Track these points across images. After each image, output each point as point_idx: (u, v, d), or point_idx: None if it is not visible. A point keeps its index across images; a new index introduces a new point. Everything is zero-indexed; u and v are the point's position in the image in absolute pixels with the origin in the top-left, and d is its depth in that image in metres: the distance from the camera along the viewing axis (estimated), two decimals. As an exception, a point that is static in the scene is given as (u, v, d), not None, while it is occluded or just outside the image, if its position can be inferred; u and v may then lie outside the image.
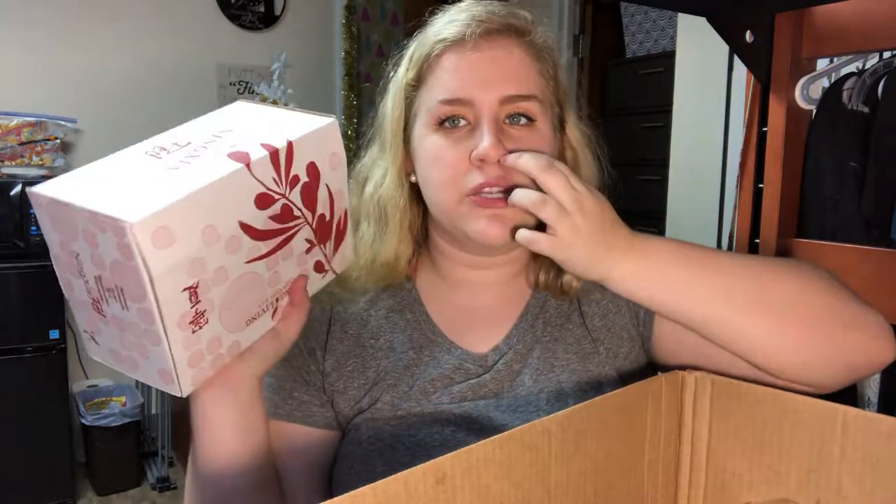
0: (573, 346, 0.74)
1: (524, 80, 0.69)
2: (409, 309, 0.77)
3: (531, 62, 0.70)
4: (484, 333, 0.75)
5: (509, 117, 0.69)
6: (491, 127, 0.67)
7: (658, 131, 2.87)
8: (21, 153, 2.45)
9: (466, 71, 0.69)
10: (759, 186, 1.07)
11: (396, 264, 0.75)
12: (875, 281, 0.95)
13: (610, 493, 0.55)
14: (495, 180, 0.66)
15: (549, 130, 0.71)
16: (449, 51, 0.70)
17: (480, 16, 0.70)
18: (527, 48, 0.71)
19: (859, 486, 0.51)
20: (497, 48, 0.69)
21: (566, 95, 0.76)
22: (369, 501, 0.39)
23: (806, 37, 1.02)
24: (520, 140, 0.68)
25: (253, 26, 3.05)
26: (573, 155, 0.76)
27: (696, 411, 0.60)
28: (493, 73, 0.69)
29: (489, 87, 0.68)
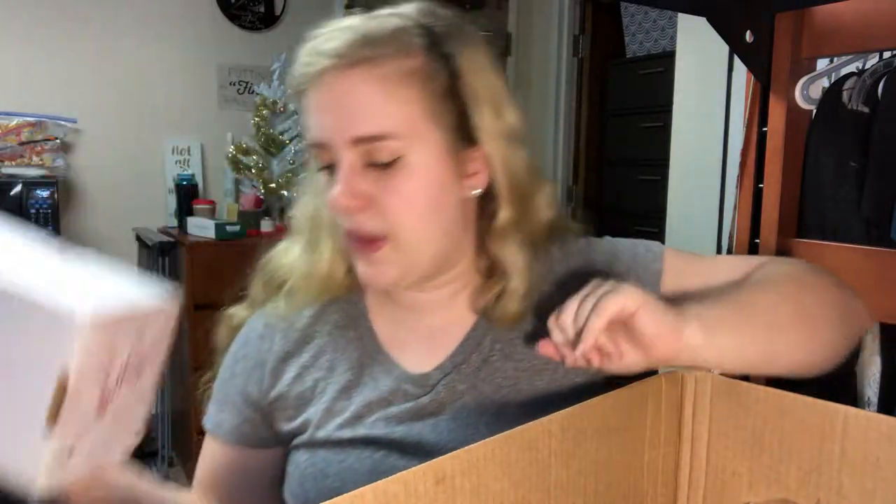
0: (523, 362, 0.70)
1: (373, 117, 0.63)
2: (354, 325, 0.75)
3: (388, 93, 0.63)
4: (429, 352, 0.72)
5: (369, 156, 0.63)
6: (343, 173, 0.63)
7: (658, 131, 2.87)
8: (21, 153, 2.45)
9: (317, 113, 0.65)
10: (759, 186, 1.07)
11: (331, 279, 0.73)
12: (875, 281, 0.95)
13: (610, 493, 0.55)
14: (354, 230, 0.64)
15: (428, 161, 0.64)
16: (306, 90, 0.66)
17: (325, 49, 0.64)
18: (384, 78, 0.63)
19: (859, 486, 0.50)
20: (343, 84, 0.63)
21: (476, 100, 0.66)
22: (369, 501, 0.39)
23: (806, 37, 1.02)
24: (383, 184, 0.63)
25: (253, 26, 3.05)
26: (492, 167, 0.68)
27: (696, 411, 0.60)
28: (338, 113, 0.63)
29: (337, 129, 0.63)
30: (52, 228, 2.35)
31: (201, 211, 2.69)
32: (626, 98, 3.33)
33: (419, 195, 0.65)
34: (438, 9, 0.68)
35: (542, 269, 0.73)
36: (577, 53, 3.65)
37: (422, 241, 0.66)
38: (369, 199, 0.63)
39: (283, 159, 2.78)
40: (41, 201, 2.34)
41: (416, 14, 0.67)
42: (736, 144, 1.67)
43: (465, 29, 0.68)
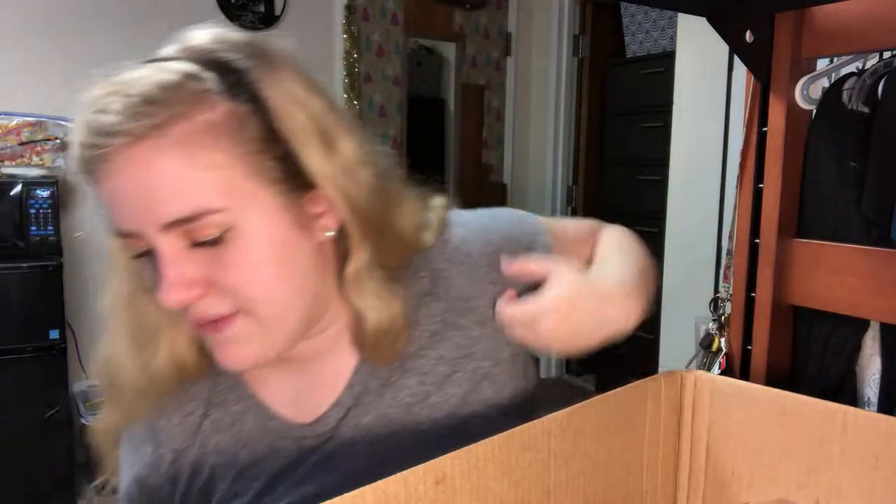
0: (428, 374, 0.65)
1: (179, 196, 0.52)
2: (234, 398, 0.66)
3: (189, 162, 0.52)
4: (323, 395, 0.65)
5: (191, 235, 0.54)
6: (165, 265, 0.53)
7: (658, 131, 2.87)
8: (21, 153, 2.45)
9: (113, 201, 0.54)
10: (759, 186, 1.07)
11: (182, 370, 0.63)
12: (875, 281, 0.95)
13: (609, 493, 0.55)
14: (201, 318, 0.56)
15: (258, 223, 0.55)
16: (94, 173, 0.54)
17: (105, 127, 0.52)
18: (179, 146, 0.52)
19: (859, 486, 0.51)
20: (135, 166, 0.52)
21: (297, 134, 0.55)
22: (369, 501, 0.39)
23: (806, 37, 1.02)
24: (216, 260, 0.54)
25: (253, 26, 3.05)
26: (334, 204, 0.58)
27: (696, 411, 0.60)
28: (136, 200, 0.53)
29: (141, 218, 0.53)
30: (52, 228, 2.34)
31: (201, 211, 2.69)
32: (626, 98, 3.33)
33: (263, 263, 0.56)
34: (232, 35, 0.58)
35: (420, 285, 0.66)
36: (577, 53, 3.66)
37: (280, 312, 0.58)
38: (206, 282, 0.54)
39: (283, 159, 2.79)
40: (41, 201, 2.34)
41: (206, 50, 0.57)
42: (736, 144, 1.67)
43: (269, 55, 0.57)
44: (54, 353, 2.32)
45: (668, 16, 3.15)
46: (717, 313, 1.18)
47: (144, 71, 0.55)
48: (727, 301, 1.15)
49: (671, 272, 2.40)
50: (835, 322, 1.04)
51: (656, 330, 2.50)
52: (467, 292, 0.66)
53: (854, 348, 1.04)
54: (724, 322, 1.16)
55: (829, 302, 1.01)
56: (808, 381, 1.07)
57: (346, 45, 3.18)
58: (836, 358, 1.05)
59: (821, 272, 1.01)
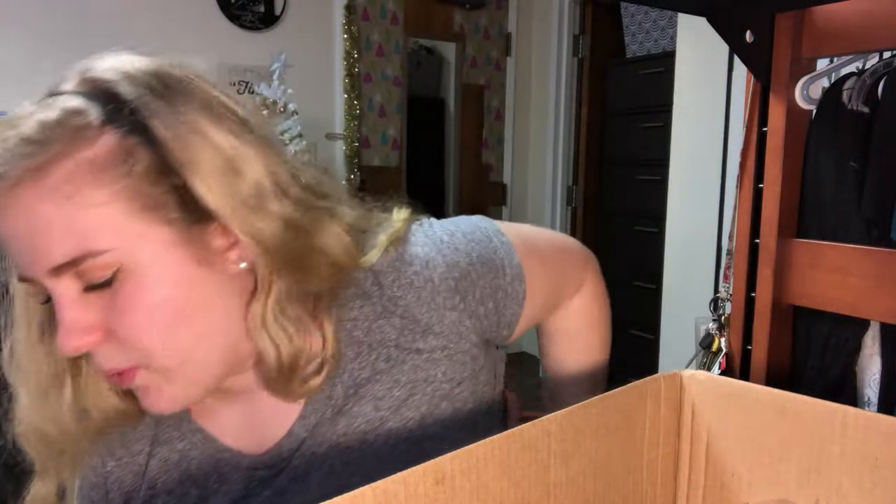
0: (384, 399, 0.62)
1: (62, 240, 0.49)
2: (179, 435, 0.64)
3: (70, 203, 0.49)
4: (273, 422, 0.63)
5: (81, 279, 0.51)
6: (60, 309, 0.51)
7: (658, 131, 2.88)
8: (21, 153, 2.45)
9: (8, 244, 0.52)
10: (759, 186, 1.07)
11: (103, 408, 0.60)
12: (875, 281, 0.95)
13: (609, 493, 0.55)
14: (108, 370, 0.53)
15: (152, 262, 0.52)
16: None
17: None
18: (57, 189, 0.49)
19: (859, 486, 0.51)
20: (14, 212, 0.50)
21: (192, 171, 0.52)
22: (369, 501, 0.39)
23: (806, 37, 1.02)
24: (111, 303, 0.51)
25: (253, 26, 3.05)
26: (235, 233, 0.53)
27: (696, 411, 0.60)
28: (22, 245, 0.51)
29: (28, 264, 0.51)
30: (52, 228, 2.35)
31: (201, 211, 2.69)
32: (626, 98, 3.33)
33: (159, 305, 0.52)
34: (134, 64, 0.55)
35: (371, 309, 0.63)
36: (577, 53, 3.66)
37: (181, 361, 0.54)
38: (103, 329, 0.52)
39: (283, 159, 2.79)
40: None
41: (99, 80, 0.54)
42: (736, 144, 1.67)
43: (171, 85, 0.54)
44: (54, 353, 2.32)
45: (668, 16, 3.16)
46: (717, 313, 1.18)
47: (29, 109, 0.53)
48: (727, 301, 1.15)
49: (671, 272, 2.40)
50: (835, 322, 1.04)
51: (656, 330, 2.50)
52: (426, 317, 0.63)
53: (854, 348, 1.04)
54: (724, 322, 1.16)
55: (829, 302, 1.01)
56: (808, 381, 1.07)
57: (346, 45, 3.18)
58: (836, 358, 1.05)
59: (821, 272, 1.01)
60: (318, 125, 3.15)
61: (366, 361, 0.63)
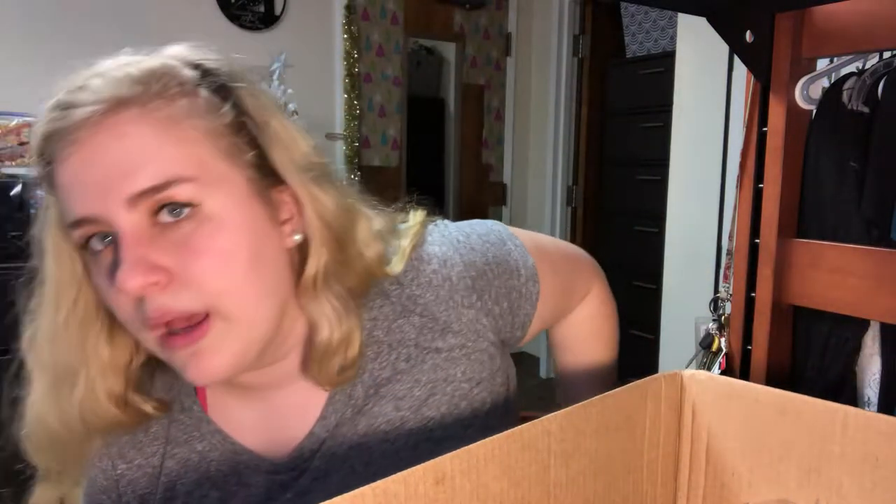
0: (405, 399, 0.63)
1: (152, 164, 0.51)
2: (199, 436, 0.63)
3: (163, 134, 0.52)
4: (294, 424, 0.63)
5: (162, 210, 0.52)
6: (127, 246, 0.50)
7: (658, 131, 2.87)
8: (21, 153, 2.45)
9: (75, 182, 0.52)
10: (759, 186, 1.07)
11: (102, 415, 0.59)
12: (875, 281, 0.95)
13: (609, 493, 0.55)
14: (160, 315, 0.51)
15: (233, 207, 0.53)
16: (54, 160, 0.53)
17: (71, 100, 0.52)
18: (154, 118, 0.52)
19: (859, 486, 0.51)
20: (101, 136, 0.51)
21: (267, 133, 0.56)
22: (369, 501, 0.39)
23: (806, 37, 1.02)
24: (184, 244, 0.51)
25: (253, 26, 3.05)
26: (300, 206, 0.58)
27: (696, 411, 0.60)
28: (103, 173, 0.51)
29: (105, 194, 0.51)
30: (52, 228, 2.35)
31: (201, 211, 2.69)
32: (626, 98, 3.33)
33: (235, 249, 0.53)
34: (208, 48, 0.59)
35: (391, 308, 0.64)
36: (577, 53, 3.66)
37: (251, 310, 0.54)
38: (168, 273, 0.51)
39: (283, 159, 2.79)
40: (41, 201, 2.34)
41: (184, 52, 0.57)
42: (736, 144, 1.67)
43: (238, 68, 0.59)
44: (54, 353, 2.32)
45: (668, 16, 3.15)
46: (717, 313, 1.18)
47: (124, 64, 0.55)
48: (727, 301, 1.15)
49: (671, 272, 2.40)
50: (835, 322, 1.04)
51: (656, 330, 2.50)
52: (444, 316, 0.65)
53: (854, 348, 1.04)
54: (724, 322, 1.16)
55: (829, 302, 1.01)
56: (808, 381, 1.07)
57: (346, 45, 3.18)
58: (836, 358, 1.05)
59: (821, 272, 1.01)
60: (318, 125, 3.15)
61: (386, 361, 0.63)
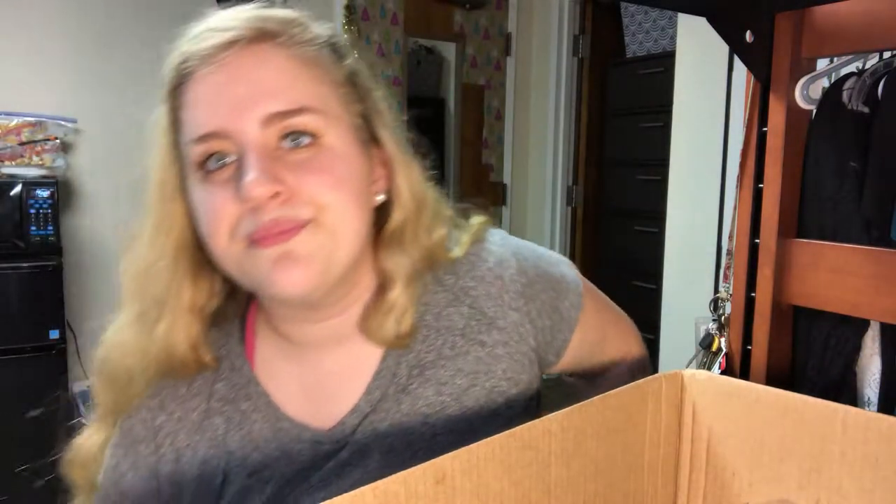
0: (447, 385, 0.64)
1: (289, 90, 0.57)
2: (245, 395, 0.65)
3: (299, 68, 0.58)
4: (340, 395, 0.64)
5: (286, 138, 0.57)
6: (256, 157, 0.55)
7: (658, 131, 2.88)
8: (21, 153, 2.45)
9: (214, 97, 0.57)
10: (759, 186, 1.07)
11: (171, 356, 0.62)
12: (875, 281, 0.95)
13: (610, 493, 0.55)
14: (273, 224, 0.55)
15: (345, 145, 0.59)
16: (193, 76, 0.58)
17: (222, 25, 0.58)
18: (291, 54, 0.58)
19: (859, 486, 0.50)
20: (248, 60, 0.57)
21: (373, 101, 0.64)
22: (369, 501, 0.39)
23: (806, 37, 1.02)
24: (303, 165, 0.56)
25: (253, 26, 3.05)
26: (391, 173, 0.64)
27: (696, 411, 0.60)
28: (245, 91, 0.56)
29: (244, 109, 0.56)
30: (52, 228, 2.35)
31: (201, 211, 2.69)
32: (626, 98, 3.33)
33: (346, 176, 0.59)
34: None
35: (444, 296, 0.68)
36: (577, 53, 3.66)
37: (347, 228, 0.59)
38: (288, 188, 0.56)
39: (283, 159, 2.78)
40: (41, 201, 2.34)
41: (309, 17, 0.64)
42: (736, 144, 1.67)
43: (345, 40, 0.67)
44: (54, 353, 2.32)
45: (668, 16, 3.16)
46: (717, 313, 1.18)
47: (262, 8, 0.62)
48: (727, 301, 1.15)
49: (671, 272, 2.40)
50: (835, 322, 1.04)
51: (656, 330, 2.50)
52: (492, 312, 0.67)
53: (854, 348, 1.04)
54: (724, 322, 1.16)
55: (829, 302, 1.01)
56: (808, 381, 1.07)
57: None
58: (836, 358, 1.05)
59: (821, 272, 1.01)
60: (318, 125, 3.15)
61: (433, 346, 0.66)
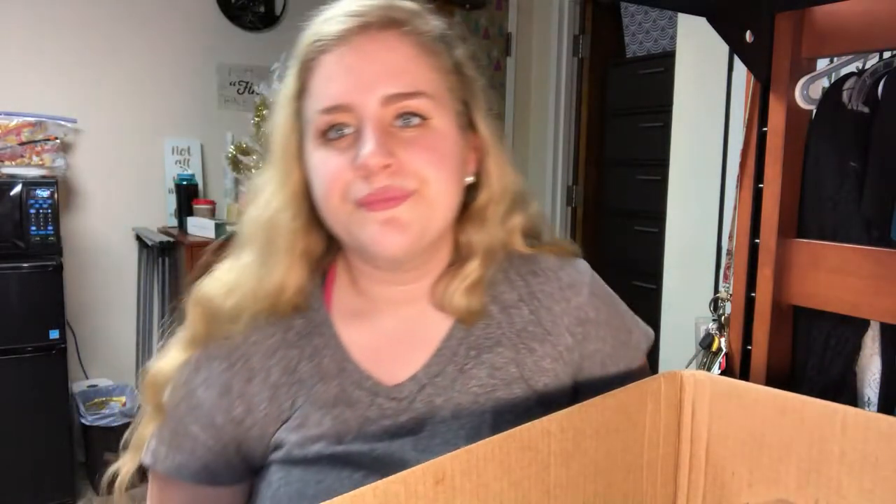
0: (500, 371, 0.69)
1: (408, 75, 0.64)
2: (318, 332, 0.70)
3: (419, 56, 0.65)
4: (404, 361, 0.69)
5: (400, 118, 0.64)
6: (374, 131, 0.62)
7: (658, 131, 2.87)
8: (21, 153, 2.45)
9: (343, 74, 0.64)
10: (759, 186, 1.07)
11: (281, 296, 0.68)
12: (875, 281, 0.95)
13: (609, 493, 0.55)
14: (382, 190, 0.62)
15: (448, 128, 0.66)
16: (325, 54, 0.64)
17: (355, 10, 0.65)
18: (412, 41, 0.65)
19: (859, 486, 0.50)
20: (376, 44, 0.64)
21: (474, 90, 0.70)
22: (369, 501, 0.39)
23: (806, 37, 1.02)
24: (412, 142, 0.63)
25: (253, 26, 3.05)
26: (483, 156, 0.71)
27: (696, 411, 0.60)
28: (371, 72, 0.63)
29: (368, 88, 0.63)
30: (52, 228, 2.35)
31: (201, 211, 2.69)
32: (626, 98, 3.33)
33: (449, 155, 0.66)
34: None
35: (510, 296, 0.73)
36: (577, 53, 3.65)
37: (442, 202, 0.65)
38: (398, 161, 0.62)
39: (283, 159, 2.78)
40: (41, 201, 2.34)
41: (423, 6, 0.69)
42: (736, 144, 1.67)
43: (458, 34, 0.72)
44: (54, 353, 2.32)
45: (668, 16, 3.15)
46: (717, 313, 1.18)
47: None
48: (727, 301, 1.15)
49: (671, 272, 2.40)
50: (835, 322, 1.04)
51: (656, 330, 2.49)
52: (549, 326, 0.72)
53: (854, 348, 1.04)
54: (724, 322, 1.16)
55: (829, 302, 1.01)
56: (808, 381, 1.07)
57: (346, 45, 3.18)
58: (836, 358, 1.05)
59: (821, 272, 1.01)
60: (318, 125, 3.15)
61: (492, 335, 0.71)
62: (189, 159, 2.93)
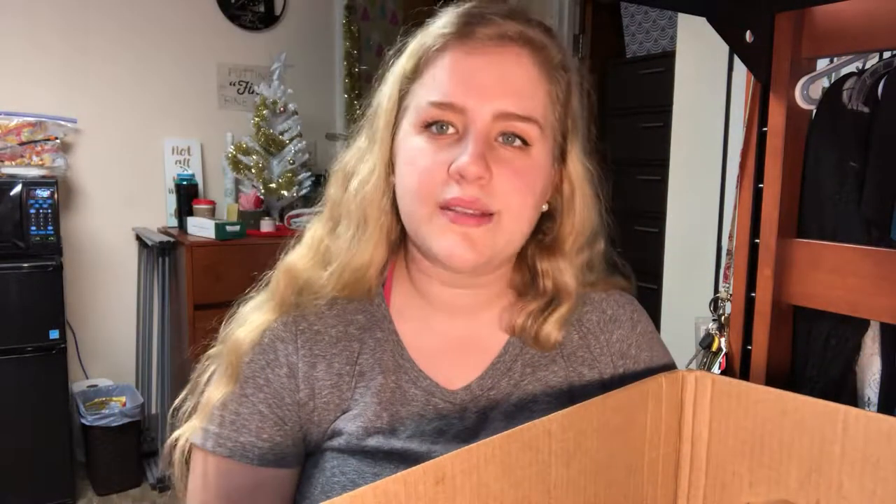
0: (553, 391, 0.70)
1: (527, 98, 0.63)
2: (379, 326, 0.70)
3: (541, 81, 0.64)
4: (458, 368, 0.69)
5: (502, 135, 0.63)
6: (477, 142, 0.61)
7: (658, 131, 2.87)
8: (21, 153, 2.45)
9: (464, 74, 0.63)
10: (759, 186, 1.07)
11: (366, 272, 0.69)
12: (875, 281, 0.95)
13: (610, 493, 0.55)
14: (470, 200, 0.61)
15: (544, 158, 0.65)
16: (451, 47, 0.63)
17: (494, 16, 0.63)
18: (540, 64, 0.64)
19: (859, 486, 0.50)
20: (505, 56, 0.63)
21: (575, 124, 0.69)
22: (369, 501, 0.39)
23: (806, 37, 1.02)
24: (508, 163, 0.62)
25: (253, 26, 3.05)
26: (570, 190, 0.70)
27: (696, 411, 0.60)
28: (493, 82, 0.62)
29: (486, 97, 0.62)
30: (51, 228, 2.35)
31: (201, 211, 2.69)
32: (626, 98, 3.33)
33: (534, 186, 0.65)
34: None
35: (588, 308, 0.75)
36: (577, 53, 3.65)
37: (517, 229, 0.65)
38: (491, 175, 0.62)
39: (283, 159, 2.78)
40: (41, 201, 2.34)
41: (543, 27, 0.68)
42: (736, 144, 1.67)
43: (573, 58, 0.70)
44: (54, 353, 2.32)
45: (668, 16, 3.15)
46: (717, 313, 1.18)
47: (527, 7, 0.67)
48: (727, 301, 1.15)
49: (671, 272, 2.40)
50: (835, 322, 1.04)
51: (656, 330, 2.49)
52: (598, 354, 0.73)
53: (854, 348, 1.04)
54: (724, 322, 1.16)
55: (829, 302, 1.01)
56: (808, 381, 1.07)
57: (346, 45, 3.18)
58: (836, 358, 1.05)
59: (821, 272, 1.01)
60: (318, 125, 3.15)
61: (548, 353, 0.71)
62: (189, 159, 2.93)
